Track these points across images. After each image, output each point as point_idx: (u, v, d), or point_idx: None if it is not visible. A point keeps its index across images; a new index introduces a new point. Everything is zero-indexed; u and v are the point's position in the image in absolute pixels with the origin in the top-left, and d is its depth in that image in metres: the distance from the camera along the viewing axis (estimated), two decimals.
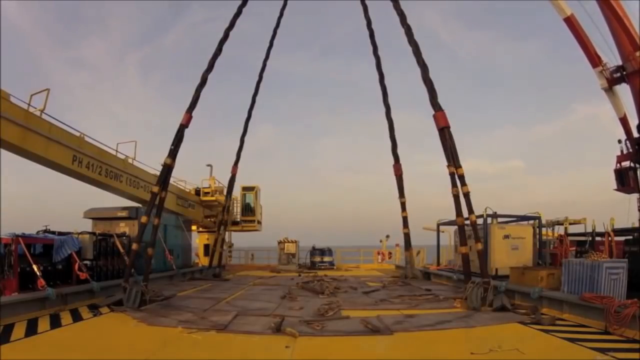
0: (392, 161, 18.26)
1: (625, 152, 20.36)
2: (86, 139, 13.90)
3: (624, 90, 20.20)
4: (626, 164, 19.44)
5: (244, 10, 14.82)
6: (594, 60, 22.28)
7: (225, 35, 14.02)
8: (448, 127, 10.91)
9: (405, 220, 17.89)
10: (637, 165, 19.40)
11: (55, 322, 7.92)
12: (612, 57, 22.86)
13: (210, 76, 13.11)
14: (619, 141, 21.16)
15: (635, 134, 20.98)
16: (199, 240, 24.98)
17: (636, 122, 19.42)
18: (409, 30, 12.16)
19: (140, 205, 16.37)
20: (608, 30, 20.89)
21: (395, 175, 17.98)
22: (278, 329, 7.30)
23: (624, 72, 20.54)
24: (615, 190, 17.57)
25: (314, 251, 25.04)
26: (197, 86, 12.61)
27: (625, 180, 18.60)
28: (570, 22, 22.61)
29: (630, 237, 11.81)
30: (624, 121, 22.15)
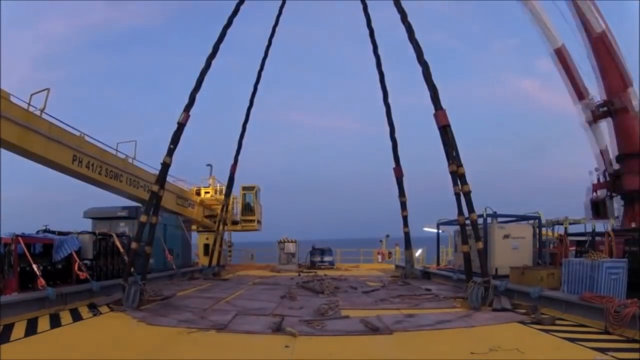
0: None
1: (602, 181, 22.11)
2: (86, 138, 13.92)
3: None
4: (602, 192, 21.52)
5: (242, 8, 14.76)
6: (580, 93, 23.05)
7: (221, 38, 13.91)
8: (449, 126, 10.92)
9: (405, 219, 17.88)
10: (613, 194, 21.40)
11: (55, 322, 7.92)
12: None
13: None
14: (596, 169, 22.55)
15: (616, 166, 22.22)
16: (198, 239, 25.00)
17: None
18: (410, 28, 12.15)
19: (140, 204, 16.37)
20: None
21: (396, 177, 17.98)
22: (278, 329, 7.30)
23: (612, 107, 21.41)
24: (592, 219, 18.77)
25: (313, 251, 25.03)
26: (192, 90, 12.48)
27: (601, 211, 20.73)
28: (561, 53, 23.22)
29: (630, 237, 11.79)
30: (603, 153, 23.20)
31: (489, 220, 14.25)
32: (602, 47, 20.91)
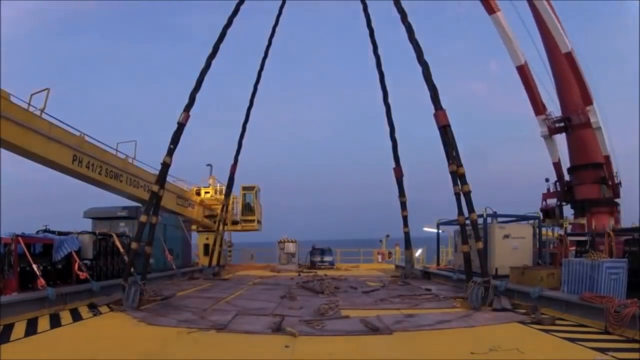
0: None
1: (552, 190, 23.83)
2: (86, 138, 13.92)
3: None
4: (552, 201, 23.50)
5: (242, 8, 14.77)
6: (539, 108, 24.25)
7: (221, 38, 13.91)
8: (449, 126, 10.92)
9: (405, 219, 17.87)
10: (564, 203, 23.46)
11: (55, 322, 7.92)
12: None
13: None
14: (546, 180, 24.30)
15: (567, 177, 24.00)
16: (198, 240, 25.01)
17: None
18: (410, 28, 12.15)
19: (140, 204, 16.37)
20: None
21: (396, 177, 17.98)
22: (278, 329, 7.30)
23: (569, 123, 22.64)
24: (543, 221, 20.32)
25: (314, 251, 25.04)
26: (192, 90, 12.49)
27: (551, 215, 22.27)
28: (523, 70, 24.08)
29: (630, 237, 11.79)
30: (557, 165, 24.86)
31: (489, 220, 14.26)
32: (568, 66, 21.93)
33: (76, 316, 8.58)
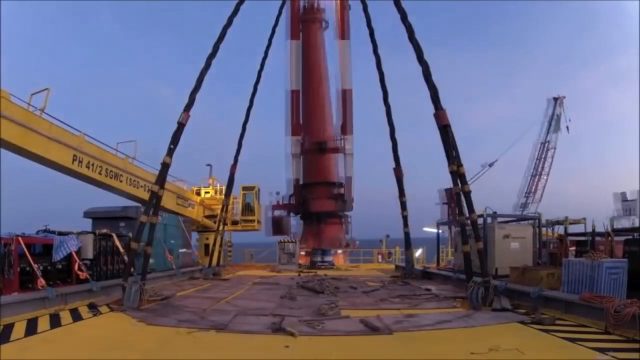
0: None
1: (280, 203, 26.27)
2: (86, 138, 13.93)
3: None
4: (279, 212, 26.01)
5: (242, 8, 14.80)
6: (296, 130, 26.01)
7: (223, 35, 13.93)
8: (449, 126, 10.92)
9: (405, 219, 17.88)
10: (292, 214, 26.30)
11: (55, 322, 7.91)
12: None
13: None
14: (277, 193, 26.68)
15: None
16: (198, 240, 25.00)
17: None
18: (410, 28, 12.15)
19: (140, 204, 16.38)
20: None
21: (396, 177, 17.98)
22: (278, 329, 7.30)
23: (325, 146, 25.47)
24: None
25: (314, 251, 25.05)
26: (192, 90, 12.50)
27: (282, 227, 25.70)
28: (294, 94, 25.72)
29: (630, 237, 11.80)
30: (297, 181, 26.53)
31: (489, 220, 14.26)
32: (346, 101, 25.15)
33: (76, 316, 8.58)
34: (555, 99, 43.56)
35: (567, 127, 42.55)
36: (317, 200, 25.17)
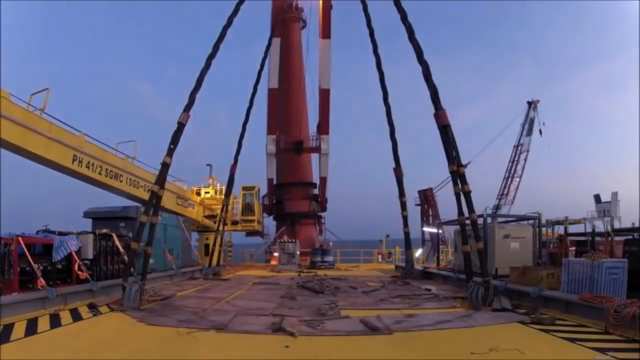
0: None
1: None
2: (86, 138, 13.93)
3: None
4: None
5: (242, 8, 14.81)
6: (272, 129, 26.31)
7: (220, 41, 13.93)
8: (449, 126, 10.92)
9: (405, 219, 17.87)
10: (266, 215, 26.56)
11: (55, 322, 7.92)
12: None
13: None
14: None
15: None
16: (198, 240, 25.00)
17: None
18: (410, 28, 12.15)
19: (140, 204, 16.38)
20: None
21: (396, 177, 17.98)
22: (278, 329, 7.30)
23: (302, 145, 25.41)
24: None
25: (314, 251, 25.05)
26: (192, 90, 12.50)
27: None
28: (272, 93, 25.36)
29: (630, 237, 11.79)
30: (270, 181, 27.31)
31: (489, 220, 14.25)
32: (324, 100, 24.99)
33: (76, 316, 8.58)
34: (530, 103, 43.70)
35: (540, 131, 42.58)
36: (292, 200, 25.41)
